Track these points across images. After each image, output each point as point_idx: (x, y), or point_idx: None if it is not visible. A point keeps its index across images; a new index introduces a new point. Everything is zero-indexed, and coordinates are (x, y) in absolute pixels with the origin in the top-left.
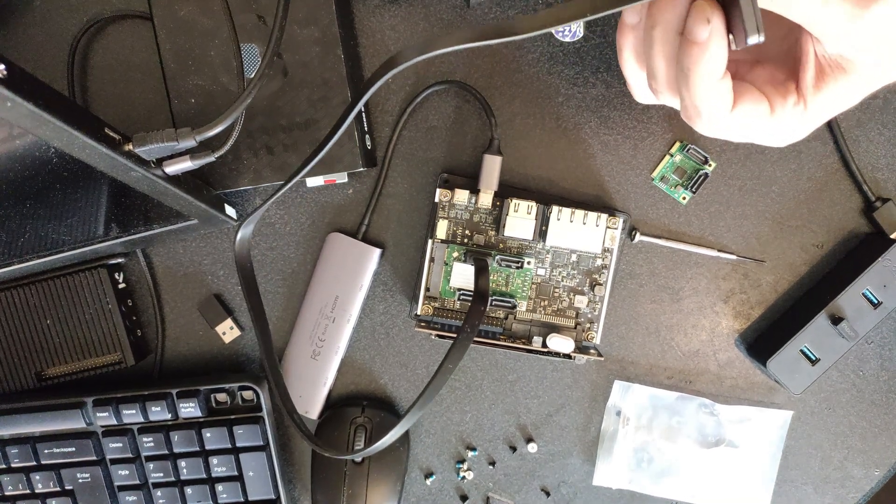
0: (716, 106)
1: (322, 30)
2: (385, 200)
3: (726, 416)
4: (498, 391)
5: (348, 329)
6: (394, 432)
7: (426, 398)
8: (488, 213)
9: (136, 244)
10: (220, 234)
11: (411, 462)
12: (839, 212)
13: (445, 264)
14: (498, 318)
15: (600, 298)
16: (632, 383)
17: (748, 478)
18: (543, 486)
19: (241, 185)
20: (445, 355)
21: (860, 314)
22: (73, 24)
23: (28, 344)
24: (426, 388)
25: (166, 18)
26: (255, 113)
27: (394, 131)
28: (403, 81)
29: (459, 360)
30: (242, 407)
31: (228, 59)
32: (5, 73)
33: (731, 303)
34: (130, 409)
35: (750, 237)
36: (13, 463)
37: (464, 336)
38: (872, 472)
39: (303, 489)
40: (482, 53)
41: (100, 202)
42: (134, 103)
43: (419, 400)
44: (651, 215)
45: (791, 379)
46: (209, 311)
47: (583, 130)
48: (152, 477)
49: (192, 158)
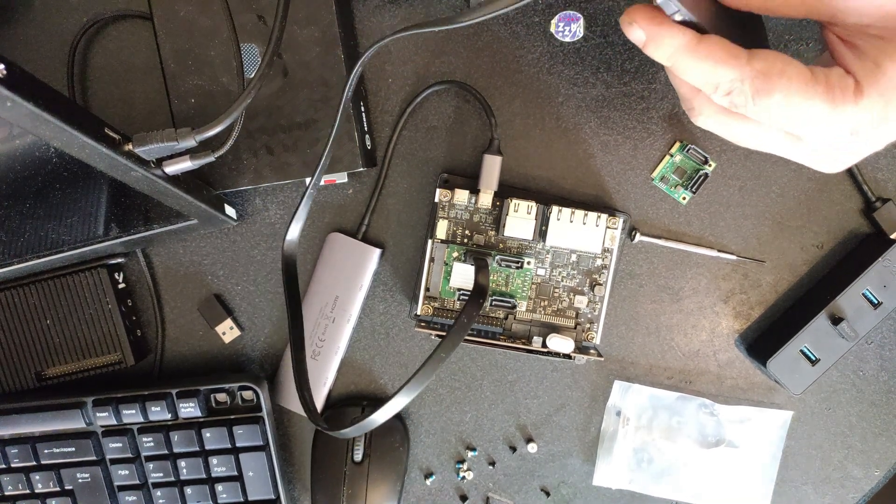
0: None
1: (322, 30)
2: (385, 200)
3: (726, 416)
4: (498, 391)
5: (348, 329)
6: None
7: (415, 384)
8: (488, 213)
9: (136, 244)
10: (220, 234)
11: (411, 462)
12: (839, 212)
13: (445, 264)
14: (498, 318)
15: (600, 298)
16: (632, 383)
17: (748, 478)
18: (543, 486)
19: (241, 185)
20: (438, 344)
21: (860, 314)
22: (73, 24)
23: (28, 344)
24: (414, 374)
25: (166, 18)
26: (255, 113)
27: (394, 131)
28: (403, 81)
29: (452, 349)
30: (242, 407)
31: (228, 59)
32: (5, 73)
33: (731, 303)
34: (130, 409)
35: (750, 237)
36: (13, 463)
37: (459, 326)
38: (872, 472)
39: (303, 489)
40: (482, 53)
41: (100, 202)
42: (134, 103)
43: (406, 385)
44: (651, 215)
45: (791, 379)
46: (209, 311)
47: (583, 130)
48: (152, 477)
49: (192, 158)
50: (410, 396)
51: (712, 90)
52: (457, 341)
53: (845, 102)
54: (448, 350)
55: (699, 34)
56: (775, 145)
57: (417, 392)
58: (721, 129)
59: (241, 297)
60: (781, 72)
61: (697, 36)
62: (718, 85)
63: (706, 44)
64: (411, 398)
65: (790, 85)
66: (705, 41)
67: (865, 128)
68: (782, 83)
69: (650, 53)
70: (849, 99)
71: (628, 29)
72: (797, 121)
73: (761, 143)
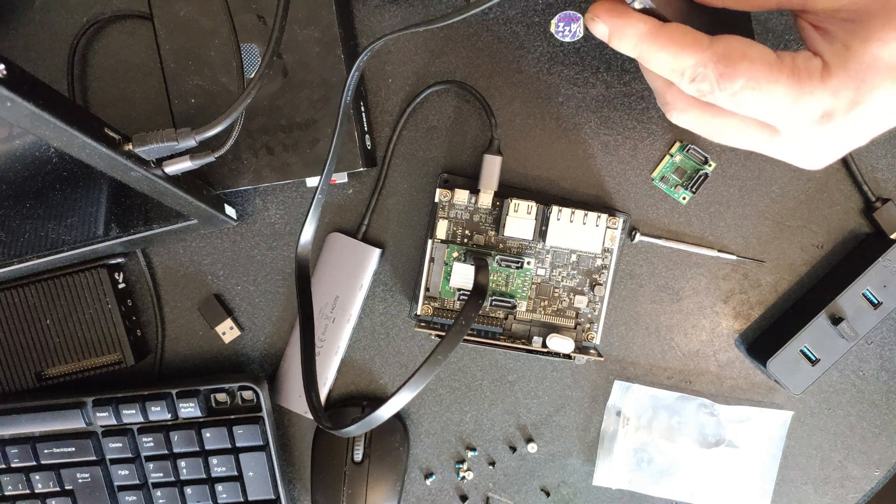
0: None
1: (322, 30)
2: (385, 200)
3: (726, 416)
4: (498, 391)
5: (348, 329)
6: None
7: (418, 380)
8: (488, 213)
9: (136, 244)
10: (220, 234)
11: (411, 462)
12: (839, 212)
13: (445, 264)
14: (498, 318)
15: (600, 298)
16: (632, 383)
17: (748, 478)
18: (543, 487)
19: (241, 185)
20: (436, 345)
21: (860, 314)
22: (73, 24)
23: (28, 344)
24: (417, 370)
25: (166, 18)
26: (255, 113)
27: (394, 131)
28: (403, 81)
29: (451, 350)
30: (242, 407)
31: (228, 59)
32: (5, 73)
33: (731, 303)
34: (130, 409)
35: (750, 237)
36: (13, 463)
37: (458, 327)
38: (872, 472)
39: (303, 489)
40: (482, 53)
41: (100, 202)
42: (134, 103)
43: (405, 385)
44: (651, 215)
45: (791, 379)
46: (209, 311)
47: (583, 130)
48: (152, 477)
49: (192, 158)
50: (413, 393)
51: (679, 77)
52: (455, 343)
53: (812, 83)
54: (446, 352)
55: (661, 22)
56: (753, 139)
57: (420, 388)
58: (697, 124)
59: (241, 297)
60: (743, 54)
61: (658, 23)
62: (683, 71)
63: (667, 30)
64: (414, 394)
65: (753, 66)
66: (666, 28)
67: (837, 111)
68: (744, 65)
69: (616, 46)
70: (815, 79)
71: (592, 25)
72: (765, 105)
73: (739, 138)
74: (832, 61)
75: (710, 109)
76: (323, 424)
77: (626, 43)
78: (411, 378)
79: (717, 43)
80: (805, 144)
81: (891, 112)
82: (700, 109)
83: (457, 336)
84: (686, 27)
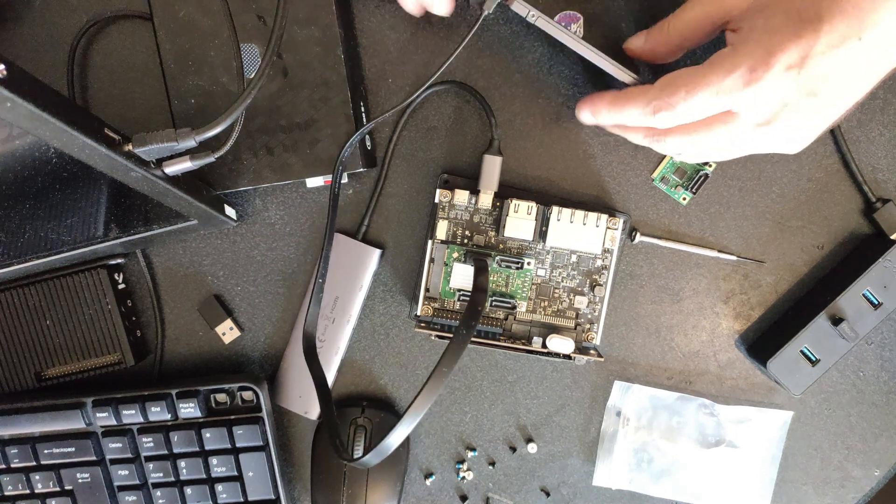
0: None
1: (322, 30)
2: (385, 201)
3: (726, 416)
4: (498, 391)
5: (348, 329)
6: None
7: (421, 404)
8: (488, 214)
9: (136, 244)
10: (220, 235)
11: (411, 462)
12: (839, 213)
13: (445, 265)
14: (498, 318)
15: (600, 299)
16: (632, 384)
17: (748, 478)
18: (543, 487)
19: (240, 185)
20: (440, 358)
21: (860, 315)
22: (73, 24)
23: (28, 344)
24: (419, 394)
25: (166, 18)
26: (255, 113)
27: (394, 131)
28: (403, 81)
29: (455, 362)
30: (242, 407)
31: (228, 59)
32: (5, 73)
33: (731, 303)
34: (130, 409)
35: (750, 238)
36: (13, 463)
37: (459, 338)
38: (872, 473)
39: (303, 489)
40: (482, 53)
41: (100, 202)
42: (134, 103)
43: (412, 405)
44: (651, 216)
45: (791, 379)
46: (209, 312)
47: (583, 130)
48: (152, 477)
49: (192, 159)
50: (422, 411)
51: (646, 118)
52: (459, 353)
53: (724, 61)
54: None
55: (619, 90)
56: (723, 133)
57: (429, 405)
58: (679, 144)
59: (241, 297)
60: (675, 76)
61: (618, 91)
62: (644, 112)
63: (624, 92)
64: (424, 412)
65: (684, 79)
66: (624, 91)
67: (758, 68)
68: (679, 82)
69: (600, 122)
70: (727, 58)
71: (578, 115)
72: (705, 97)
73: (714, 138)
74: (736, 40)
75: (680, 128)
76: (346, 460)
77: (603, 118)
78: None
79: (657, 81)
80: (763, 115)
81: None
82: (674, 132)
83: (459, 348)
84: (636, 87)
